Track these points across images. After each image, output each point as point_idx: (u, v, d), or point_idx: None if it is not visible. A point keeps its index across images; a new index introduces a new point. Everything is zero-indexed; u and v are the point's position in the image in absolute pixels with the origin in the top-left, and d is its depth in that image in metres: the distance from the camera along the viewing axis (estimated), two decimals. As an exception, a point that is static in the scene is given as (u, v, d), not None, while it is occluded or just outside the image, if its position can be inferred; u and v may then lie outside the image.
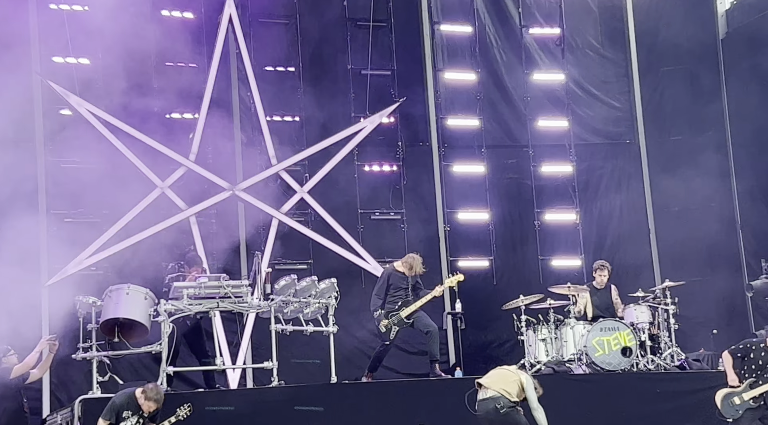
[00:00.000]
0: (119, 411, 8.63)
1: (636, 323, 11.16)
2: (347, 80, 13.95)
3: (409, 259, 10.80)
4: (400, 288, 10.73)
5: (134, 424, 8.65)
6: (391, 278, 10.78)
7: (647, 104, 14.89)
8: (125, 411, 8.63)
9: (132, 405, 8.65)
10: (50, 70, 12.45)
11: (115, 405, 8.67)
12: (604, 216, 14.58)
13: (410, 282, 10.77)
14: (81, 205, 12.16)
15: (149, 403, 8.59)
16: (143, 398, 8.61)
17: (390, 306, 10.68)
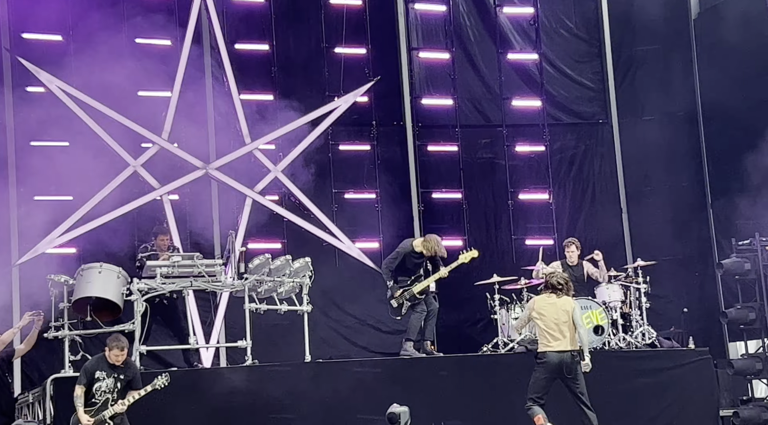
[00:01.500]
0: (92, 372, 8.70)
1: (608, 302, 11.25)
2: (321, 59, 13.87)
3: (428, 243, 10.63)
4: (415, 266, 10.66)
5: (111, 385, 8.69)
6: (405, 255, 10.67)
7: (620, 84, 14.95)
8: (98, 371, 8.70)
9: (103, 364, 8.73)
10: (20, 47, 12.28)
11: (88, 368, 8.75)
12: (576, 196, 14.66)
13: (426, 260, 10.69)
14: (52, 183, 12.04)
15: (114, 352, 8.66)
16: (108, 351, 8.69)
17: (403, 282, 10.62)
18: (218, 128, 13.20)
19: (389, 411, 8.88)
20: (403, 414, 8.78)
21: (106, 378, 8.70)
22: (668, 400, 10.60)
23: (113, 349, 8.70)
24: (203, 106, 13.18)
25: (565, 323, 8.90)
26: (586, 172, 14.75)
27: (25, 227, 11.94)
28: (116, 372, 8.72)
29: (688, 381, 10.73)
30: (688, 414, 10.62)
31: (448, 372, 10.15)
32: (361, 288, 13.45)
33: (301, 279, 10.43)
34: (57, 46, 12.48)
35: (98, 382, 8.70)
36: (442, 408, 9.77)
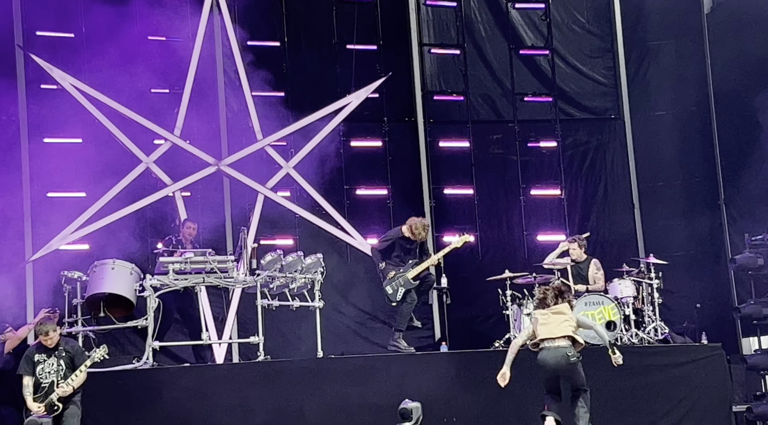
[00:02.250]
0: (32, 357, 8.69)
1: (620, 297, 11.23)
2: (333, 55, 13.88)
3: (409, 221, 10.84)
4: (408, 250, 10.75)
5: (54, 366, 8.64)
6: (395, 239, 10.82)
7: (632, 79, 14.90)
8: (37, 355, 8.69)
9: (41, 348, 8.72)
10: (34, 44, 12.34)
11: (27, 355, 8.75)
12: (588, 192, 14.62)
13: (417, 246, 10.76)
14: (65, 179, 12.10)
15: (43, 338, 8.63)
16: (37, 331, 8.71)
17: (396, 268, 10.70)
18: (230, 125, 13.24)
19: (401, 406, 8.88)
20: (415, 410, 8.79)
21: (46, 360, 8.66)
22: (681, 396, 10.58)
23: (40, 335, 8.71)
24: (215, 103, 13.22)
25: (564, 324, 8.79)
26: (598, 168, 14.72)
27: (39, 224, 12.01)
28: (56, 352, 8.69)
29: (701, 377, 10.70)
30: (701, 409, 10.59)
31: (460, 368, 10.15)
32: (372, 284, 13.43)
33: (313, 275, 10.45)
34: (70, 43, 12.52)
35: (39, 365, 8.67)
36: (455, 403, 9.79)
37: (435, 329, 13.63)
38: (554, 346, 8.69)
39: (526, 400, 9.58)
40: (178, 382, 9.30)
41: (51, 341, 8.66)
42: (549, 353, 8.71)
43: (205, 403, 9.29)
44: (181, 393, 9.21)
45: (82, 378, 8.67)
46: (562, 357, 8.66)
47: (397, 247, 10.80)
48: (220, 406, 9.30)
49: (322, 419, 9.51)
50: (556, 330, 8.72)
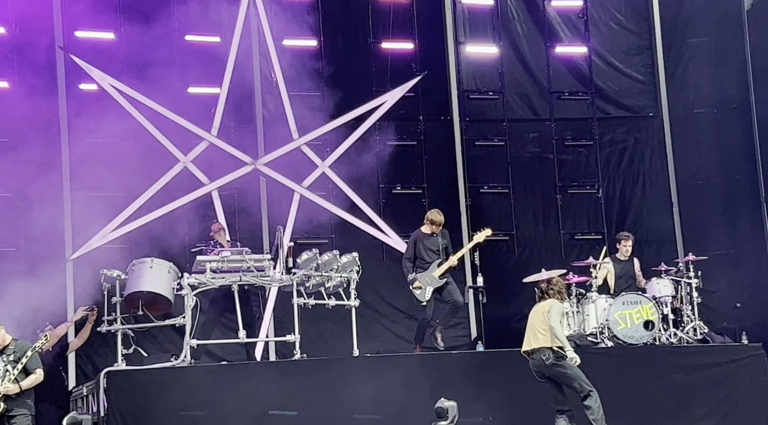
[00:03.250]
0: None
1: (658, 297, 11.13)
2: (369, 54, 13.90)
3: (428, 215, 10.89)
4: (431, 251, 10.75)
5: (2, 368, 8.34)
6: (418, 241, 10.83)
7: (671, 77, 14.75)
8: None
9: None
10: (73, 45, 12.50)
11: None
12: (626, 190, 14.50)
13: (440, 244, 10.76)
14: (104, 179, 12.24)
15: None
16: None
17: (421, 269, 10.72)
18: (266, 124, 13.31)
19: (437, 405, 8.87)
20: (451, 409, 8.77)
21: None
22: (720, 396, 10.45)
23: None
24: (251, 103, 13.30)
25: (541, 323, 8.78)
26: (636, 166, 14.59)
27: (79, 223, 12.15)
28: (2, 354, 8.38)
29: (741, 377, 10.57)
30: (741, 410, 10.46)
31: (497, 367, 10.12)
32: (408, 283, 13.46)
33: (349, 274, 10.47)
34: (109, 43, 12.68)
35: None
36: (491, 403, 9.75)
37: (471, 328, 13.60)
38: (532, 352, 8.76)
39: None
40: (216, 380, 9.36)
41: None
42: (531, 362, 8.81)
43: (242, 400, 9.34)
44: (218, 390, 9.26)
45: (32, 379, 8.40)
46: (539, 362, 8.69)
47: (421, 247, 10.80)
48: (257, 403, 9.34)
49: (358, 417, 9.52)
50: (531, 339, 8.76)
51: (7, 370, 8.32)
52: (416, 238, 10.88)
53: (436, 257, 10.78)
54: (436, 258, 10.77)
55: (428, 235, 10.85)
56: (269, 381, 9.56)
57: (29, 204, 11.99)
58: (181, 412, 9.06)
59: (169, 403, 9.08)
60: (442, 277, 10.68)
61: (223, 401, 9.28)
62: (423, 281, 10.67)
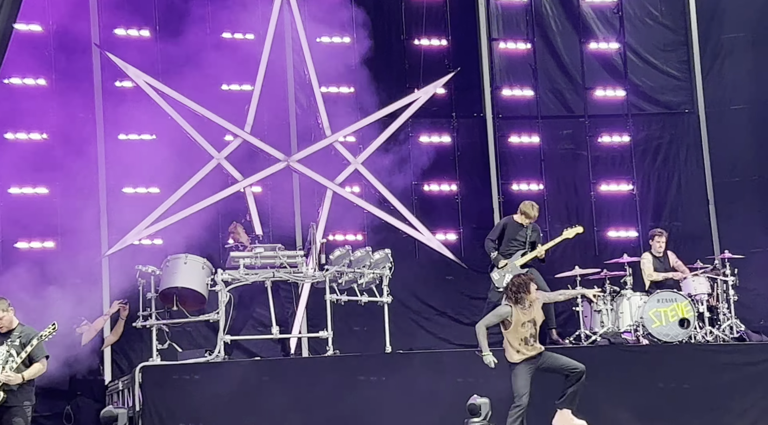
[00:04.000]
0: None
1: (694, 294, 11.03)
2: (402, 51, 13.89)
3: (522, 206, 10.85)
4: (517, 240, 10.73)
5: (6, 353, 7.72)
6: (507, 227, 10.82)
7: (707, 72, 14.59)
8: None
9: None
10: (109, 43, 12.63)
11: None
12: (662, 187, 14.37)
13: (529, 235, 10.72)
14: (139, 176, 12.35)
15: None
16: None
17: (504, 256, 10.72)
18: (299, 121, 13.35)
19: (470, 402, 8.86)
20: (483, 406, 8.75)
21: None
22: (757, 395, 10.33)
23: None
24: (285, 99, 13.34)
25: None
26: (671, 163, 14.46)
27: (114, 219, 12.27)
28: (7, 339, 7.79)
29: (779, 376, 10.44)
30: (779, 409, 10.33)
31: (529, 365, 10.06)
32: (440, 280, 13.45)
33: (381, 270, 10.48)
34: (144, 41, 12.79)
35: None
36: (523, 400, 9.69)
37: (504, 325, 13.52)
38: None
39: (596, 398, 9.45)
40: (249, 375, 9.41)
41: (2, 323, 7.74)
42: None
43: (275, 396, 9.39)
44: (252, 385, 9.32)
45: (36, 369, 7.85)
46: None
47: (507, 235, 10.76)
48: (289, 399, 9.39)
49: (390, 414, 9.53)
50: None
51: (11, 355, 7.76)
52: (506, 224, 10.88)
53: (521, 248, 10.74)
54: (520, 249, 10.73)
55: (518, 225, 10.81)
56: (302, 376, 9.60)
57: (66, 200, 12.13)
58: (214, 407, 9.12)
59: (203, 398, 9.14)
60: (523, 267, 10.61)
61: (256, 396, 9.33)
62: (504, 267, 10.63)
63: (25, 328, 7.95)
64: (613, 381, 9.77)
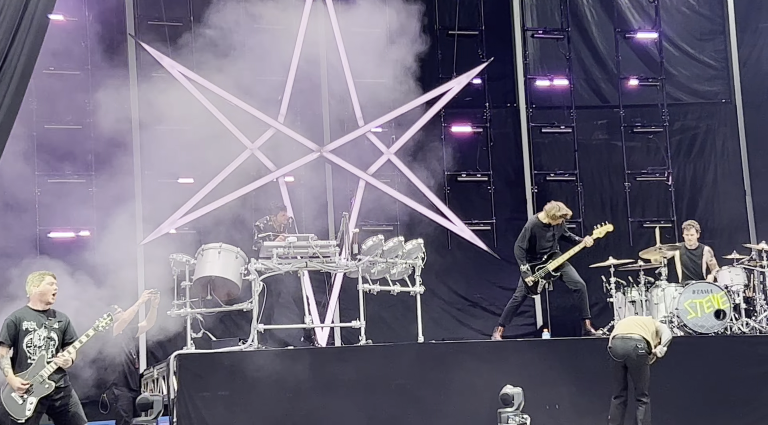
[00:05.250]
0: (18, 324, 7.43)
1: (730, 286, 10.91)
2: (434, 41, 13.86)
3: (547, 207, 10.65)
4: (546, 240, 10.59)
5: (44, 338, 7.49)
6: (534, 229, 10.62)
7: (744, 62, 14.42)
8: (25, 322, 7.45)
9: (29, 314, 7.50)
10: (145, 33, 12.72)
11: (12, 320, 7.45)
12: (697, 177, 14.25)
13: (556, 233, 10.62)
14: (174, 166, 12.44)
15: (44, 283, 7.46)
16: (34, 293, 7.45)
17: (536, 260, 10.59)
18: (332, 111, 13.36)
19: (503, 392, 8.83)
20: (516, 396, 8.72)
21: (36, 330, 7.43)
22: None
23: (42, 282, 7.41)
24: (318, 90, 13.36)
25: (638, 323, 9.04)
26: (707, 153, 14.32)
27: (150, 208, 12.38)
28: (47, 320, 7.50)
29: (816, 369, 10.29)
30: (816, 402, 10.19)
31: (563, 355, 10.04)
32: (473, 270, 13.43)
33: (414, 260, 10.45)
34: (178, 31, 12.87)
35: (28, 335, 7.39)
36: (557, 390, 9.68)
37: (537, 316, 13.51)
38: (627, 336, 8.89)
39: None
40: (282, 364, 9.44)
41: (53, 300, 7.46)
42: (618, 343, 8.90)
43: (307, 385, 9.42)
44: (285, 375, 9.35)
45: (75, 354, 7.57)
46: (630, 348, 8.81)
47: (538, 237, 10.57)
48: (322, 388, 9.42)
49: (423, 403, 9.53)
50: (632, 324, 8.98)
51: (51, 339, 7.49)
52: (533, 227, 10.60)
53: (550, 248, 10.57)
54: (549, 250, 10.57)
55: (545, 226, 10.61)
56: (335, 366, 9.63)
57: (102, 190, 12.26)
58: (248, 395, 9.17)
59: (237, 386, 9.20)
60: (556, 270, 10.54)
61: (289, 385, 9.37)
62: (537, 274, 10.55)
63: (58, 312, 7.79)
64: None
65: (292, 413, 9.19)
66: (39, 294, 7.54)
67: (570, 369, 9.88)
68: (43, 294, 7.54)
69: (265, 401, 9.20)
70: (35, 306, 7.58)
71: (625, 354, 8.87)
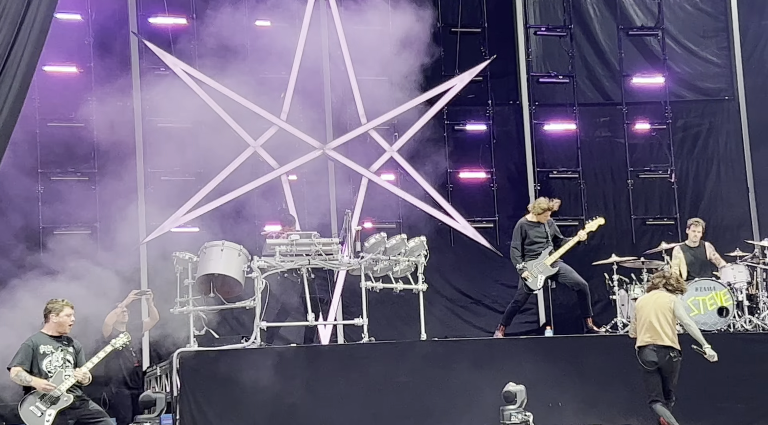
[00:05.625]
0: (35, 348, 7.70)
1: (733, 283, 10.89)
2: (437, 38, 13.84)
3: (537, 204, 10.65)
4: (539, 238, 10.57)
5: (62, 360, 7.77)
6: (523, 228, 10.62)
7: (747, 59, 14.40)
8: (42, 345, 7.73)
9: (45, 338, 7.77)
10: (147, 31, 12.73)
11: (29, 345, 7.70)
12: (700, 175, 14.23)
13: (548, 231, 10.62)
14: (176, 163, 12.44)
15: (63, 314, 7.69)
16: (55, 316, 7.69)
17: (531, 257, 10.58)
18: (335, 109, 13.36)
19: (505, 389, 8.83)
20: (519, 393, 8.72)
21: (54, 352, 7.73)
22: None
23: (61, 312, 7.70)
24: (320, 87, 13.36)
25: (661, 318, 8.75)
26: (710, 150, 14.30)
27: (152, 206, 12.38)
28: (61, 345, 7.80)
29: (818, 366, 10.27)
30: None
31: (565, 353, 10.04)
32: (476, 268, 13.43)
33: (417, 258, 10.45)
34: (181, 29, 12.87)
35: (46, 357, 7.70)
36: (559, 388, 9.68)
37: (540, 314, 13.50)
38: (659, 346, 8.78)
39: (633, 386, 9.39)
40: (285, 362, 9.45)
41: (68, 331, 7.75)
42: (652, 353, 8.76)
43: (311, 383, 9.43)
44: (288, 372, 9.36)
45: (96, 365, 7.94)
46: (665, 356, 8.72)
47: (529, 236, 10.57)
48: (325, 386, 9.43)
49: (426, 400, 9.53)
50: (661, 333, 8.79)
51: (67, 361, 7.82)
52: (522, 227, 10.62)
53: (546, 244, 10.57)
54: (545, 245, 10.57)
55: (534, 224, 10.62)
56: (337, 363, 9.63)
57: (104, 187, 12.27)
58: (251, 392, 9.18)
59: (240, 384, 9.20)
60: (554, 265, 10.54)
61: (292, 382, 9.38)
62: (534, 270, 10.51)
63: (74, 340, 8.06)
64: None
65: (294, 410, 9.20)
66: (57, 324, 7.82)
67: (572, 367, 9.87)
68: (60, 325, 7.83)
69: (267, 398, 9.20)
70: (50, 332, 7.86)
71: (658, 364, 8.79)
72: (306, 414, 9.21)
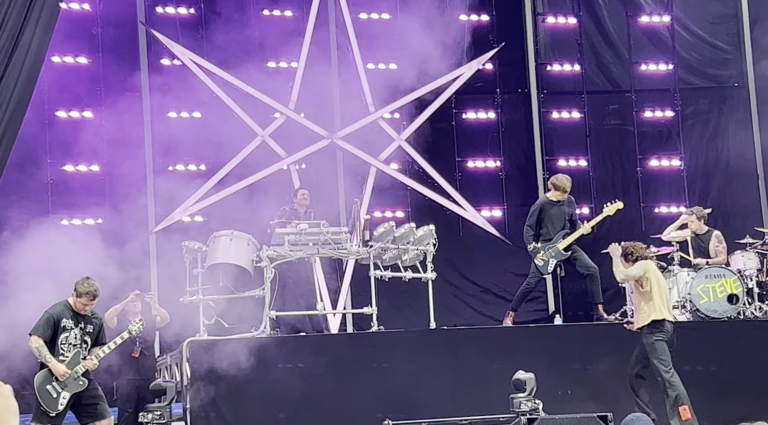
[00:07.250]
0: (58, 321, 7.74)
1: (743, 270, 10.86)
2: (445, 27, 13.79)
3: (554, 181, 10.52)
4: (557, 219, 10.44)
5: (78, 337, 7.83)
6: (544, 208, 10.48)
7: (757, 46, 14.31)
8: (64, 319, 7.76)
9: (68, 312, 7.79)
10: (154, 21, 12.72)
11: (53, 316, 7.73)
12: (710, 162, 14.16)
13: (566, 213, 10.52)
14: (185, 153, 12.46)
15: (83, 301, 7.70)
16: (75, 298, 7.72)
17: (545, 240, 10.50)
18: (343, 98, 13.34)
19: (515, 377, 8.83)
20: (528, 381, 8.71)
21: (73, 328, 7.76)
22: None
23: (82, 297, 7.71)
24: (328, 76, 13.34)
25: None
26: (720, 138, 14.23)
27: (161, 196, 12.40)
28: (82, 322, 7.82)
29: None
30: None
31: (574, 341, 10.03)
32: (485, 256, 13.42)
33: (425, 246, 10.43)
34: (189, 18, 12.86)
35: (64, 332, 7.71)
36: (569, 376, 9.68)
37: (549, 302, 13.49)
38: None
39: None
40: (294, 350, 9.47)
41: (88, 309, 7.80)
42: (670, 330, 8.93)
43: (320, 371, 9.45)
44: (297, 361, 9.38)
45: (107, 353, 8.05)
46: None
47: (546, 216, 10.46)
48: (334, 374, 9.45)
49: (435, 389, 9.55)
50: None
51: (84, 342, 7.87)
52: (541, 206, 10.48)
53: (561, 227, 10.46)
54: (560, 229, 10.46)
55: (554, 203, 10.47)
56: (347, 352, 9.65)
57: (114, 177, 12.29)
58: (260, 381, 9.21)
59: (249, 373, 9.23)
60: (567, 250, 10.48)
61: (301, 371, 9.40)
62: (547, 253, 10.48)
63: (96, 313, 8.13)
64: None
65: (304, 399, 9.22)
66: (80, 303, 7.83)
67: (582, 354, 9.87)
68: (84, 305, 7.83)
69: (276, 387, 9.23)
70: (74, 306, 7.89)
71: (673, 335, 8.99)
72: (316, 401, 9.23)
